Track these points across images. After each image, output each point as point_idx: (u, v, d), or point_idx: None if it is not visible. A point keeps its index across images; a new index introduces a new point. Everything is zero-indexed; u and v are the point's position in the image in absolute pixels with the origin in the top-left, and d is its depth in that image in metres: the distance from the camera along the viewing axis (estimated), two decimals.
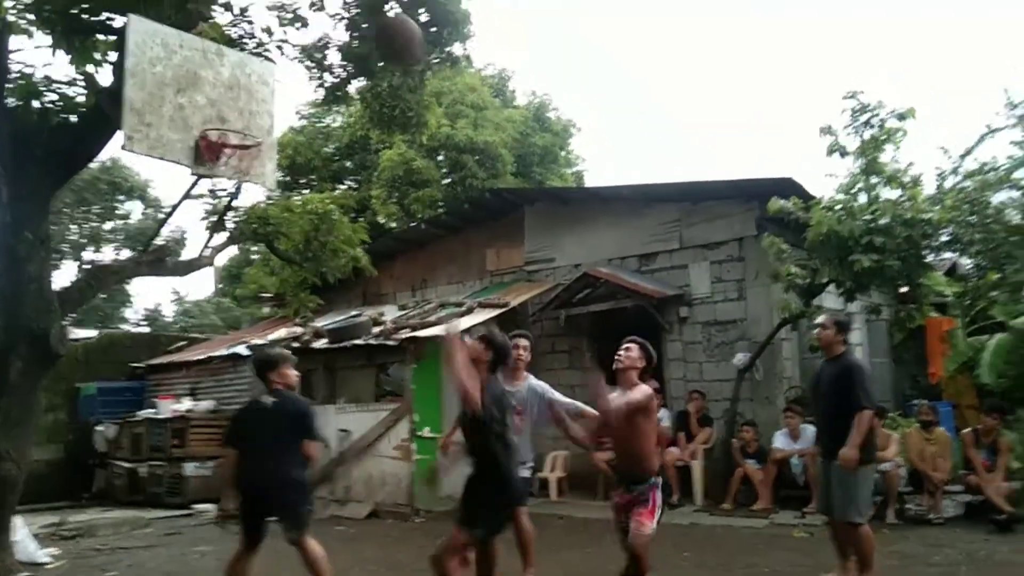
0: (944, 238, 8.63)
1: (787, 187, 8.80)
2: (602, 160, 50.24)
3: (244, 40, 7.47)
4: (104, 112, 6.12)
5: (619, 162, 50.96)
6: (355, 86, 8.90)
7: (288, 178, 19.27)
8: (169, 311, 30.54)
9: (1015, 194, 8.65)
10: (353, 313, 11.94)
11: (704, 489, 9.26)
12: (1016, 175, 8.54)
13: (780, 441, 8.80)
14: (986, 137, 8.64)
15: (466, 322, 9.23)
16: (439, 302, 11.83)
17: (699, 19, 65.52)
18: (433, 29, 8.16)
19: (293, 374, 5.09)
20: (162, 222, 13.17)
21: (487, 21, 24.04)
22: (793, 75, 62.11)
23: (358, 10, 8.05)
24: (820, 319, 5.78)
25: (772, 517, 8.26)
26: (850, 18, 59.13)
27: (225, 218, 8.98)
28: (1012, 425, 8.30)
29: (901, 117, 8.29)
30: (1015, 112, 8.52)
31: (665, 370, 10.07)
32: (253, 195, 9.54)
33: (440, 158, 18.20)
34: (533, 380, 5.39)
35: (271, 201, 9.57)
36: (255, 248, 17.95)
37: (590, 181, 21.85)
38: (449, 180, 18.03)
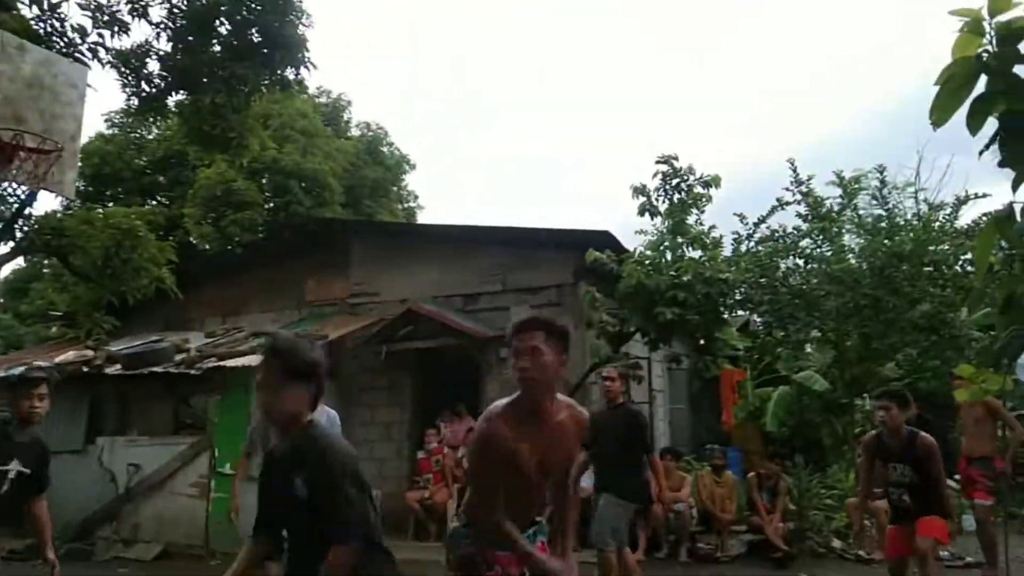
0: (738, 297, 9.43)
1: (604, 240, 9.31)
2: (438, 197, 50.49)
3: (53, 38, 6.91)
4: None
5: (455, 200, 51.38)
6: (174, 99, 8.47)
7: (91, 188, 17.82)
8: None
9: (799, 261, 9.64)
10: (153, 338, 11.11)
11: None
12: (800, 245, 9.53)
13: (588, 481, 9.10)
14: (777, 209, 9.59)
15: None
16: (251, 331, 11.29)
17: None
18: (264, 51, 7.97)
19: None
20: None
21: (325, 47, 23.67)
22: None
23: (184, 21, 7.70)
24: (606, 371, 6.13)
25: (575, 555, 8.49)
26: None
27: (14, 227, 8.16)
28: (790, 470, 9.12)
29: (707, 184, 9.06)
30: (801, 188, 9.53)
31: (483, 408, 10.17)
32: (48, 204, 8.76)
33: (264, 181, 17.57)
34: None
35: (69, 212, 8.80)
36: (46, 261, 16.39)
37: (423, 218, 21.96)
38: (272, 205, 17.43)
